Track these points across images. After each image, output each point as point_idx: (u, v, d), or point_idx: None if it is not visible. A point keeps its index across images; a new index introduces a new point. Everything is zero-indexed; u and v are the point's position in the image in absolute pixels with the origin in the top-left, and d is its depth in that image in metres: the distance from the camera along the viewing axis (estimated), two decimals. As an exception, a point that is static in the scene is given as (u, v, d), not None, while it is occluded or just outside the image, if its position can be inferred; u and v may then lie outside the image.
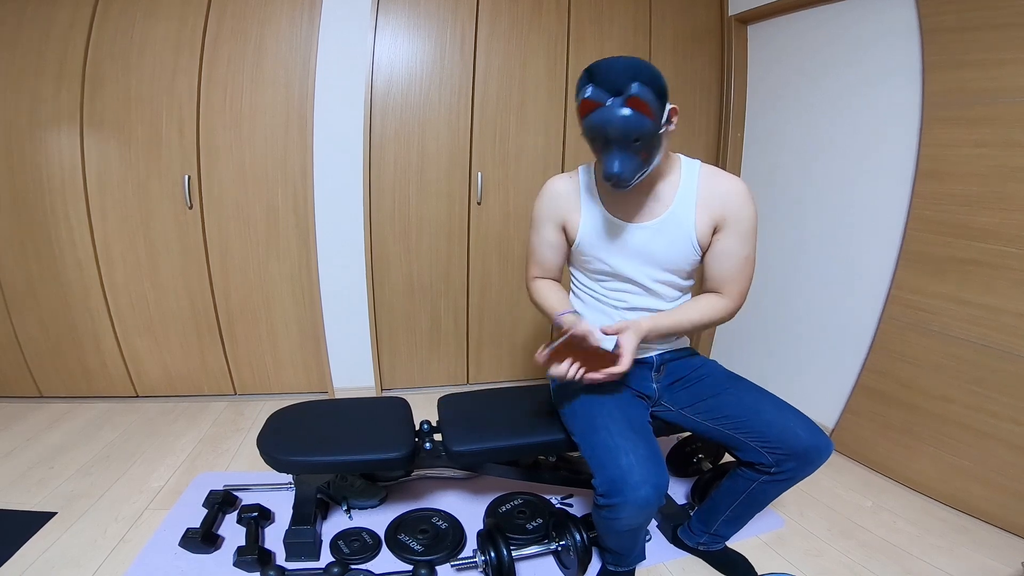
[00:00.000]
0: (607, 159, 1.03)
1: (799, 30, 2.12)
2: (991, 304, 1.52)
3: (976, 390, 1.56)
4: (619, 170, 1.02)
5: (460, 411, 1.49)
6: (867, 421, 1.88)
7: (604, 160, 1.04)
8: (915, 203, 1.70)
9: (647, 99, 0.96)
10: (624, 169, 1.02)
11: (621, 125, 0.98)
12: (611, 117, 0.98)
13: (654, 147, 1.04)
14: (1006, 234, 1.48)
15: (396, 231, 2.19)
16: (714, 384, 1.28)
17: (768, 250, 2.27)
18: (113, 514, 1.51)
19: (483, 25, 2.07)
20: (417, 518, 1.51)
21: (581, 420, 1.19)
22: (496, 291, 2.37)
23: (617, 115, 0.97)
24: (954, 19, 1.56)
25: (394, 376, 2.40)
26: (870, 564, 1.40)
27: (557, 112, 2.22)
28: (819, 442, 1.12)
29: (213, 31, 1.90)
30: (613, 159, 1.02)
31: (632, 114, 0.97)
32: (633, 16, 2.24)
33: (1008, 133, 1.46)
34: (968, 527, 1.56)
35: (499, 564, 1.25)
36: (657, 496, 1.00)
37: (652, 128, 1.00)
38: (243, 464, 1.80)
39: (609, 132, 0.99)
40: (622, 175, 1.02)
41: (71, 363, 2.15)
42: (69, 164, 1.92)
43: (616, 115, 0.97)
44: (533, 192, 2.24)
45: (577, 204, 1.22)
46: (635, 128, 0.98)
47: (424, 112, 2.09)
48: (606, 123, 0.98)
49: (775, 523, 1.55)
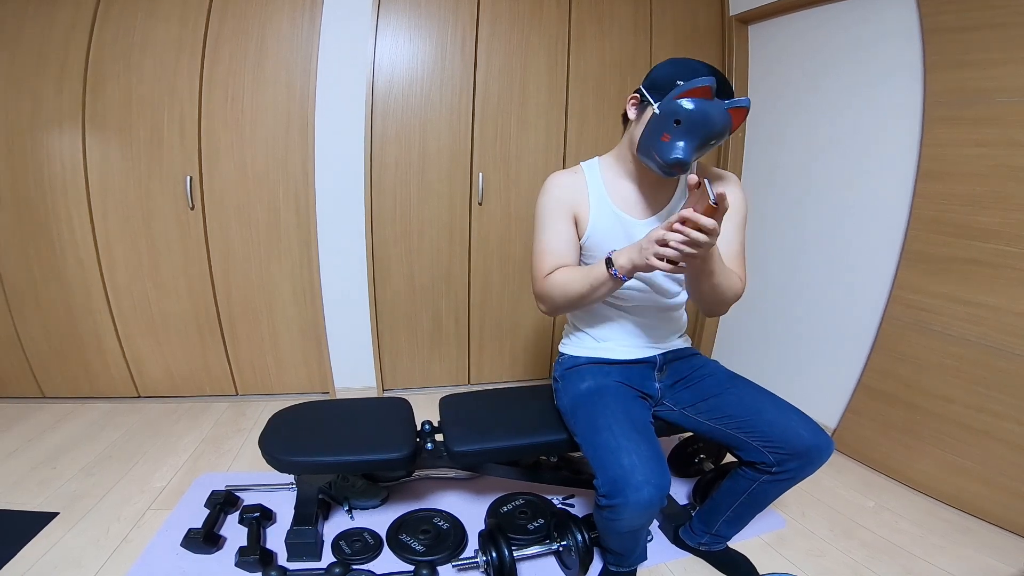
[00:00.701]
0: (675, 143, 1.03)
1: (800, 30, 2.12)
2: (992, 304, 1.52)
3: (978, 390, 1.56)
4: (684, 156, 1.02)
5: (461, 411, 1.49)
6: (869, 421, 1.88)
7: (672, 143, 1.03)
8: (916, 203, 1.70)
9: (743, 115, 1.03)
10: (688, 156, 1.03)
11: (722, 127, 1.02)
12: (721, 116, 1.01)
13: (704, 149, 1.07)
14: (1007, 234, 1.48)
15: (397, 232, 2.19)
16: (716, 384, 1.28)
17: (769, 250, 2.27)
18: (115, 514, 1.51)
19: (484, 25, 2.07)
20: (419, 518, 1.51)
21: (583, 420, 1.19)
22: (497, 291, 2.37)
23: (722, 113, 1.01)
24: (955, 19, 1.56)
25: (395, 376, 2.40)
26: (872, 564, 1.40)
27: (558, 112, 2.22)
28: (820, 442, 1.12)
29: (214, 31, 1.90)
30: (683, 145, 1.02)
31: (729, 122, 1.02)
32: (634, 16, 2.24)
33: (1009, 133, 1.46)
34: (970, 527, 1.56)
35: (500, 564, 1.25)
36: (659, 497, 1.00)
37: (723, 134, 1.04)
38: (245, 464, 1.80)
39: (709, 126, 1.01)
40: (686, 162, 1.03)
41: (73, 364, 2.15)
42: (71, 164, 1.92)
43: (724, 116, 1.01)
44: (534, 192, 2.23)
45: (586, 198, 1.20)
46: (723, 132, 1.03)
47: (425, 112, 2.09)
48: (711, 114, 1.01)
49: (777, 523, 1.55)
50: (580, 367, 1.32)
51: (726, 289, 1.11)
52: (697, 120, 1.01)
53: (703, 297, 1.13)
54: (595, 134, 2.28)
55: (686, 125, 1.01)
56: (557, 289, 1.15)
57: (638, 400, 1.25)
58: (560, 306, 1.18)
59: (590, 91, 2.24)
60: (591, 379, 1.26)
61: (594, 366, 1.30)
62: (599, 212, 1.20)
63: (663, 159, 1.04)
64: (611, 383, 1.24)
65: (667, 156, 1.03)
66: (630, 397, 1.23)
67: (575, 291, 1.12)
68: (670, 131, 1.03)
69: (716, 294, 1.10)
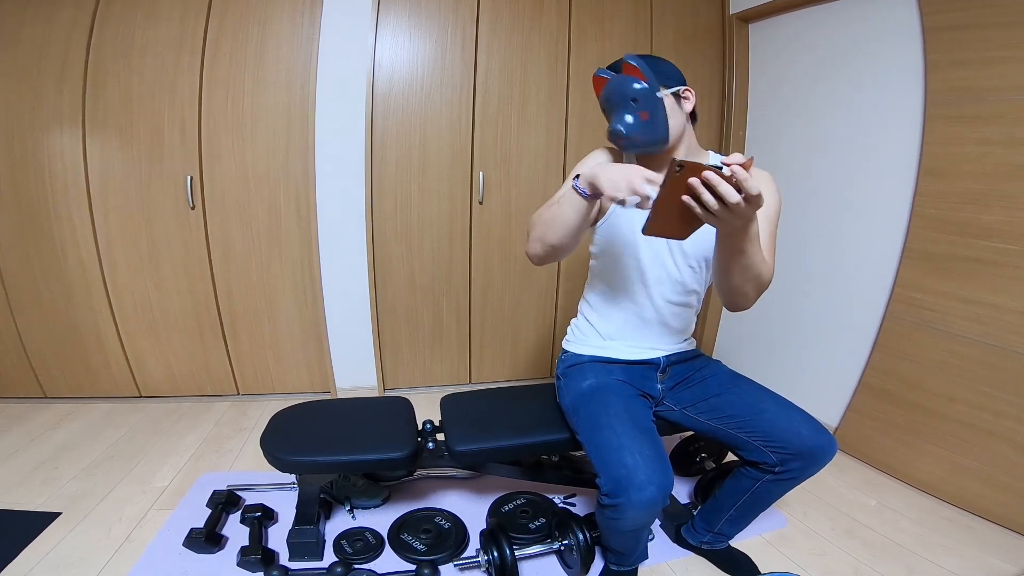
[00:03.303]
0: (613, 121, 1.12)
1: (800, 28, 2.12)
2: (995, 302, 1.52)
3: (980, 389, 1.56)
4: (621, 126, 1.10)
5: (462, 411, 1.49)
6: (871, 420, 1.88)
7: (610, 123, 1.12)
8: (918, 201, 1.69)
9: (637, 64, 1.10)
10: (626, 127, 1.10)
11: (617, 86, 1.12)
12: (611, 84, 1.13)
13: (657, 110, 1.10)
14: (1010, 232, 1.47)
15: (398, 231, 2.19)
16: (718, 383, 1.28)
17: (770, 249, 2.26)
18: (117, 514, 1.51)
19: (484, 24, 2.07)
20: (420, 518, 1.51)
21: (586, 419, 1.19)
22: (498, 290, 2.37)
23: (614, 80, 1.12)
24: (955, 17, 1.56)
25: (396, 376, 2.40)
26: (874, 563, 1.39)
27: (558, 111, 2.22)
28: (823, 441, 1.12)
29: (214, 31, 1.90)
30: (617, 120, 1.11)
31: (627, 79, 1.11)
32: (634, 15, 2.24)
33: (1011, 131, 1.46)
34: (973, 526, 1.55)
35: (502, 564, 1.25)
36: (662, 496, 1.00)
37: (646, 89, 1.09)
38: (246, 464, 1.80)
39: (612, 97, 1.13)
40: (626, 133, 1.10)
41: (75, 364, 2.15)
42: (71, 164, 1.92)
43: (614, 80, 1.12)
44: (535, 192, 2.27)
45: None
46: (629, 88, 1.10)
47: (425, 112, 2.09)
48: (609, 90, 1.13)
49: (778, 522, 1.55)
50: (583, 364, 1.31)
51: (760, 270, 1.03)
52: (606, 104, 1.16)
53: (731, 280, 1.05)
54: (595, 132, 2.27)
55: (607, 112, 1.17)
56: (535, 219, 1.12)
57: (639, 399, 1.24)
58: (536, 235, 1.11)
59: (590, 90, 2.23)
60: (593, 377, 1.26)
61: (597, 364, 1.30)
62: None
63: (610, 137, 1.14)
64: (613, 381, 1.24)
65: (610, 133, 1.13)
66: (632, 396, 1.23)
67: (547, 213, 1.08)
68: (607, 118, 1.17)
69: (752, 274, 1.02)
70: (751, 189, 0.79)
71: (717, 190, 0.80)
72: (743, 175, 0.78)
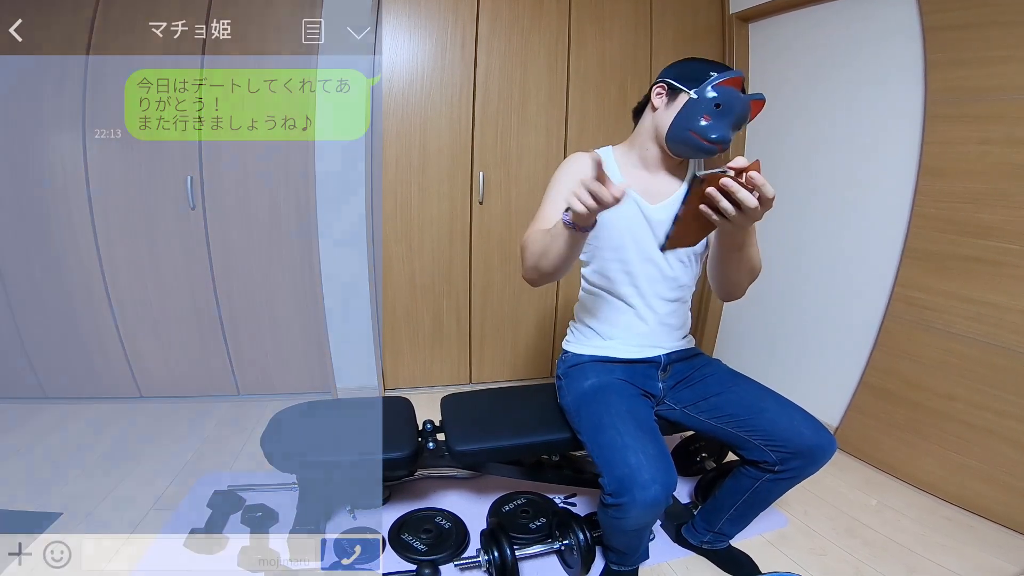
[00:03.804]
0: (719, 125, 1.11)
1: (800, 28, 2.12)
2: (995, 301, 1.52)
3: (981, 388, 1.56)
4: (726, 135, 1.11)
5: (463, 411, 1.49)
6: (871, 419, 1.88)
7: (715, 124, 1.11)
8: (918, 200, 1.69)
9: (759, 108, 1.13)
10: (728, 136, 1.12)
11: (746, 114, 1.13)
12: (745, 105, 1.12)
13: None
14: (1010, 231, 1.47)
15: (398, 231, 2.19)
16: (718, 383, 1.28)
17: (771, 248, 2.25)
18: (118, 514, 1.51)
19: (484, 24, 2.07)
20: (420, 518, 1.51)
21: (588, 419, 1.19)
22: (498, 290, 2.37)
23: (747, 106, 1.12)
24: (955, 16, 1.56)
25: (397, 376, 2.40)
26: (875, 563, 1.39)
27: (558, 111, 2.22)
28: (823, 440, 1.12)
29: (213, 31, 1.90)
30: (726, 127, 1.11)
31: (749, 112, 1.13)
32: (634, 14, 2.23)
33: (1011, 130, 1.46)
34: (973, 525, 1.55)
35: (502, 563, 1.25)
36: (665, 495, 1.00)
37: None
38: (247, 464, 1.80)
39: (740, 110, 1.11)
40: (726, 140, 1.12)
41: (75, 364, 2.15)
42: (71, 164, 1.92)
43: (747, 106, 1.12)
44: (535, 191, 2.27)
45: None
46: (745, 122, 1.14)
47: (425, 111, 2.09)
48: (743, 104, 1.11)
49: (779, 522, 1.55)
50: (584, 365, 1.31)
51: (754, 264, 1.14)
52: (734, 104, 1.10)
53: (729, 274, 1.13)
54: (595, 132, 2.27)
55: (725, 108, 1.10)
56: (528, 245, 1.12)
57: (641, 399, 1.24)
58: (530, 264, 1.12)
59: (590, 89, 2.23)
60: (594, 377, 1.26)
61: (598, 364, 1.30)
62: None
63: (706, 137, 1.11)
64: (615, 381, 1.24)
65: (710, 135, 1.11)
66: (634, 395, 1.23)
67: (538, 242, 1.08)
68: (711, 113, 1.11)
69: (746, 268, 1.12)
70: (767, 192, 0.81)
71: (736, 196, 0.80)
72: (760, 180, 0.80)
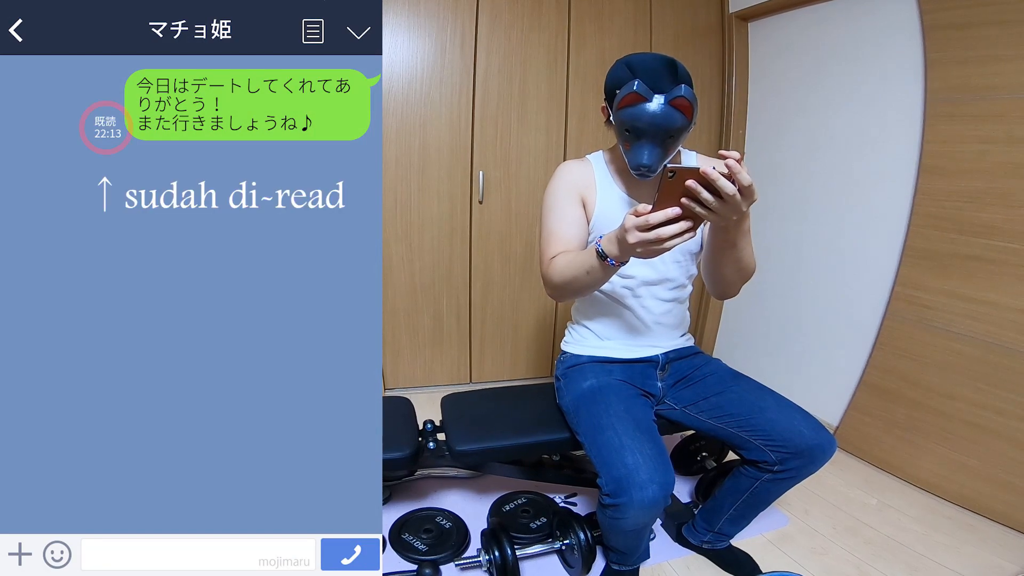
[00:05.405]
0: (637, 150, 1.06)
1: (800, 27, 2.12)
2: (995, 300, 1.52)
3: (981, 387, 1.56)
4: (648, 161, 1.05)
5: (463, 410, 1.49)
6: (871, 419, 1.87)
7: (634, 150, 1.07)
8: (918, 199, 1.69)
9: (691, 101, 1.02)
10: (653, 160, 1.05)
11: (664, 123, 1.02)
12: (656, 114, 1.01)
13: (680, 142, 1.09)
14: (1010, 230, 1.47)
15: (398, 230, 2.18)
16: (717, 382, 1.28)
17: (770, 247, 2.26)
18: (117, 515, 1.50)
19: (483, 23, 2.07)
20: (421, 518, 1.51)
21: (586, 419, 1.19)
22: (499, 290, 2.37)
23: (661, 113, 1.01)
24: (955, 15, 1.56)
25: (397, 376, 2.39)
26: (875, 562, 1.39)
27: (558, 110, 2.22)
28: (823, 440, 1.11)
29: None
30: (643, 150, 1.05)
31: (676, 114, 1.02)
32: (634, 13, 2.23)
33: (1011, 129, 1.46)
34: (974, 525, 1.55)
35: (503, 563, 1.25)
36: (663, 495, 1.00)
37: (686, 127, 1.05)
38: (246, 464, 1.79)
39: (649, 128, 1.03)
40: (652, 166, 1.06)
41: None
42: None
43: (660, 113, 1.01)
44: (535, 191, 2.27)
45: (593, 184, 1.22)
46: (675, 127, 1.03)
47: (425, 111, 2.08)
48: (650, 118, 1.02)
49: (779, 521, 1.55)
50: (582, 365, 1.31)
51: (748, 264, 1.11)
52: (641, 126, 1.03)
53: (722, 272, 1.11)
54: (595, 131, 2.27)
55: (632, 133, 1.05)
56: (557, 274, 1.12)
57: (640, 398, 1.24)
58: (561, 291, 1.15)
59: (590, 88, 2.23)
60: (593, 378, 1.26)
61: (596, 364, 1.30)
62: (606, 196, 1.21)
63: (631, 165, 1.09)
64: (613, 382, 1.24)
65: (633, 162, 1.08)
66: (632, 395, 1.23)
67: (571, 275, 1.08)
68: (627, 139, 1.07)
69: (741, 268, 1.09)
70: (744, 180, 0.81)
71: (715, 185, 0.80)
72: (736, 167, 0.80)
